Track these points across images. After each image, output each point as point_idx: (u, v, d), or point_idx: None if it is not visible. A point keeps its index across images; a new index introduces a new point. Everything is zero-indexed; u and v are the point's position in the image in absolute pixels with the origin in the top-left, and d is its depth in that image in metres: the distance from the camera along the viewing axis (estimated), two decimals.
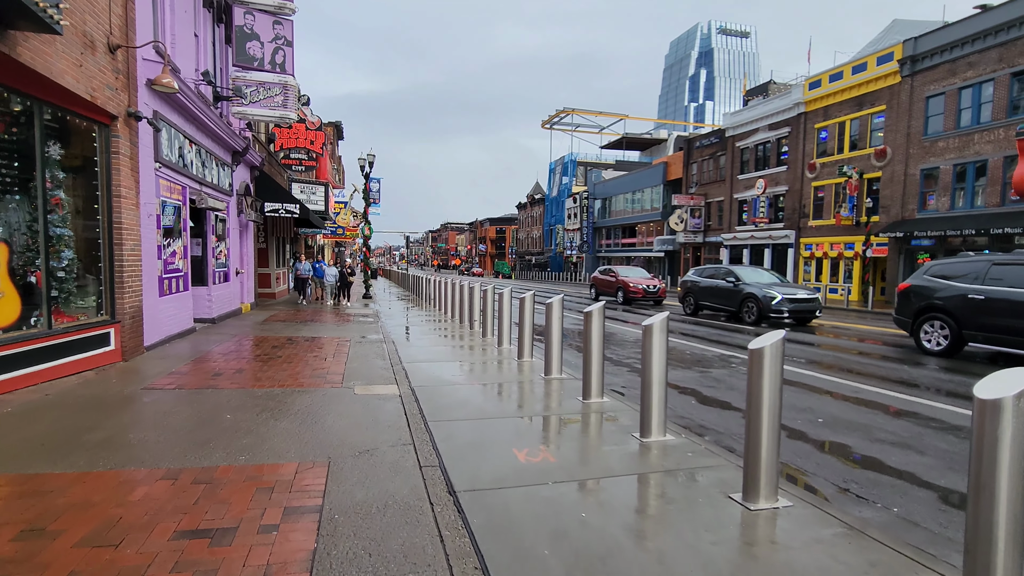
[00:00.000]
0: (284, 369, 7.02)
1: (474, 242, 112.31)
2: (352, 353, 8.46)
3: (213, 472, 3.54)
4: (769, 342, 3.27)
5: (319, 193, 23.37)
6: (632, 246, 53.42)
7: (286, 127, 17.13)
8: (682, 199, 42.17)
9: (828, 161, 31.37)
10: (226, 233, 12.38)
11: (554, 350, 6.92)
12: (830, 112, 31.37)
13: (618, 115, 72.33)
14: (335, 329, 11.44)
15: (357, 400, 5.55)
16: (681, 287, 16.70)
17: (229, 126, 11.92)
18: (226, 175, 12.21)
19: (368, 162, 21.14)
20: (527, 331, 8.04)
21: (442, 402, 5.55)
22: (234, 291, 13.00)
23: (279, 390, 5.89)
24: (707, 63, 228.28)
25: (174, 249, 9.02)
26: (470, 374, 7.10)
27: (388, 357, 8.21)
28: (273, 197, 15.47)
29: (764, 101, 36.83)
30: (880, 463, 4.27)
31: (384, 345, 9.38)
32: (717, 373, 7.85)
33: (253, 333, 10.38)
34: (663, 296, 20.31)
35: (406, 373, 7.01)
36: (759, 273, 14.68)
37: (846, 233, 30.17)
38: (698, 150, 43.18)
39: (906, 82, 27.15)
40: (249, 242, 14.76)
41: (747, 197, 37.40)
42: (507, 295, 9.28)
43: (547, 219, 74.55)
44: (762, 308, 13.22)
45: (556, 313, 6.91)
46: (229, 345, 8.86)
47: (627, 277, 20.77)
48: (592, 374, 5.75)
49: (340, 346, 9.10)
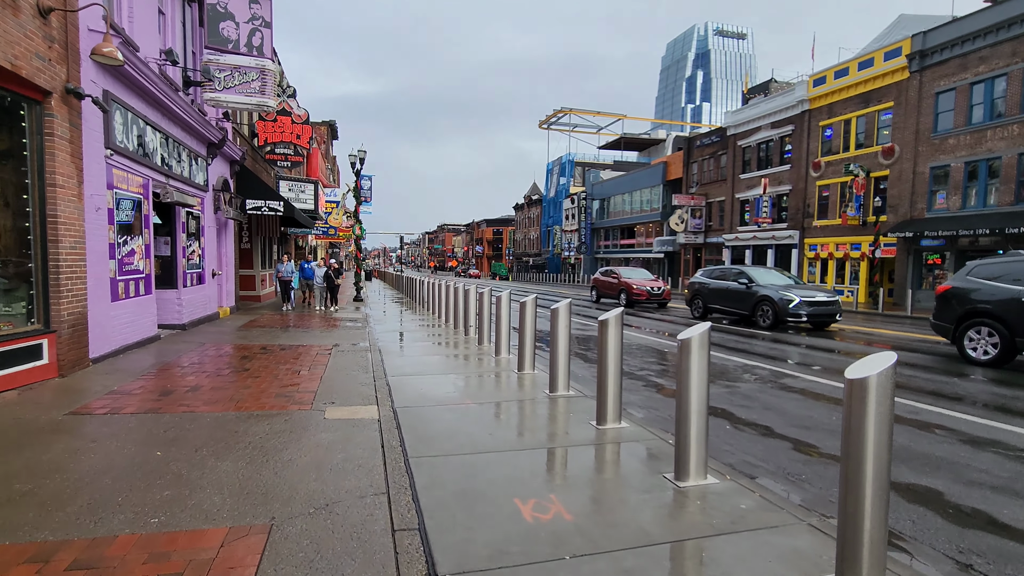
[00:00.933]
0: (248, 386, 6.05)
1: (471, 243, 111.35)
2: (332, 365, 7.50)
3: (105, 548, 2.57)
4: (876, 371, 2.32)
5: (308, 191, 22.39)
6: (631, 247, 52.58)
7: (270, 120, 16.17)
8: (683, 199, 41.34)
9: (833, 159, 30.57)
10: (200, 231, 11.40)
11: (560, 362, 5.98)
12: (835, 109, 30.58)
13: (616, 115, 71.53)
14: (318, 336, 10.47)
15: (326, 427, 4.60)
16: (688, 289, 15.78)
17: (203, 115, 10.95)
18: (200, 168, 11.23)
19: (359, 158, 20.19)
20: (528, 340, 7.09)
21: (429, 430, 4.59)
22: (210, 294, 12.01)
23: (234, 414, 4.93)
24: (704, 65, 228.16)
25: (132, 248, 8.04)
26: (464, 391, 6.15)
27: (372, 369, 7.25)
28: (256, 194, 14.49)
29: (767, 99, 36.05)
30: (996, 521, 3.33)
31: (369, 354, 8.42)
32: (746, 388, 6.92)
33: (225, 341, 9.40)
34: (668, 299, 19.39)
35: (390, 390, 6.06)
36: (772, 274, 13.78)
37: (852, 233, 29.36)
38: (699, 149, 42.36)
39: (915, 78, 26.36)
40: (229, 242, 13.77)
41: (749, 197, 36.58)
42: (505, 299, 8.34)
43: (544, 220, 73.69)
44: (778, 312, 12.30)
45: (563, 320, 5.97)
46: (192, 356, 7.88)
47: (630, 279, 19.84)
48: (609, 395, 4.82)
49: (319, 356, 8.13)
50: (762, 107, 35.79)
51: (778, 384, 7.07)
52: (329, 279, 15.28)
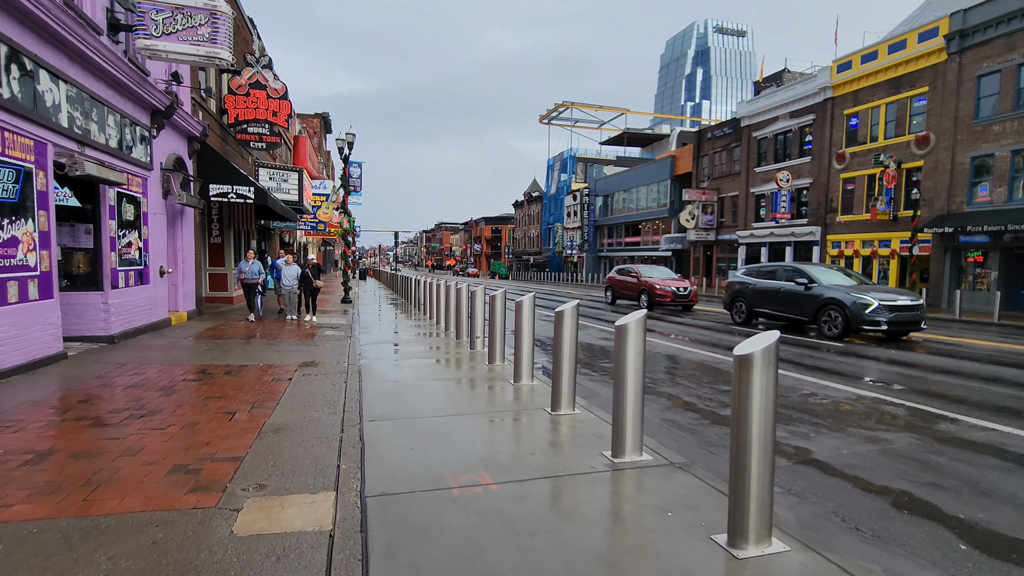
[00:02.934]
0: (138, 448, 3.87)
1: (469, 242, 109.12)
2: (287, 400, 5.31)
3: None
4: None
5: (292, 180, 20.18)
6: (636, 245, 50.48)
7: (241, 95, 13.92)
8: (693, 194, 39.25)
9: (859, 150, 28.50)
10: (142, 219, 9.20)
11: (629, 414, 3.82)
12: (862, 96, 28.49)
13: (619, 109, 69.43)
14: (285, 351, 8.28)
15: (222, 563, 2.42)
16: (727, 290, 13.63)
17: (143, 73, 8.75)
18: (139, 141, 9.03)
19: (347, 142, 17.98)
20: (566, 367, 4.91)
21: (424, 558, 2.43)
22: (156, 297, 9.80)
23: (66, 524, 2.74)
24: (704, 62, 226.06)
25: (14, 235, 5.84)
26: (480, 455, 3.97)
27: (343, 408, 5.07)
28: (222, 178, 12.28)
29: (784, 87, 33.94)
30: None
31: (345, 381, 6.24)
32: (902, 444, 4.68)
33: (156, 360, 7.20)
34: (695, 300, 17.23)
35: (363, 451, 3.89)
36: (833, 273, 11.63)
37: (881, 229, 27.29)
38: (709, 142, 40.27)
39: (953, 60, 24.27)
40: (186, 233, 11.55)
41: (765, 191, 34.49)
42: (528, 305, 6.16)
43: (545, 217, 71.56)
44: (851, 318, 10.14)
45: (634, 343, 3.81)
46: (90, 386, 5.68)
47: (651, 278, 17.67)
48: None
49: (274, 385, 5.95)
50: (780, 96, 33.70)
51: (944, 436, 4.88)
52: (306, 280, 12.04)
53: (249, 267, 11.97)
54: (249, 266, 11.98)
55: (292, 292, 12.31)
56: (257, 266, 12.04)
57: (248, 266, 11.98)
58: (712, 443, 4.62)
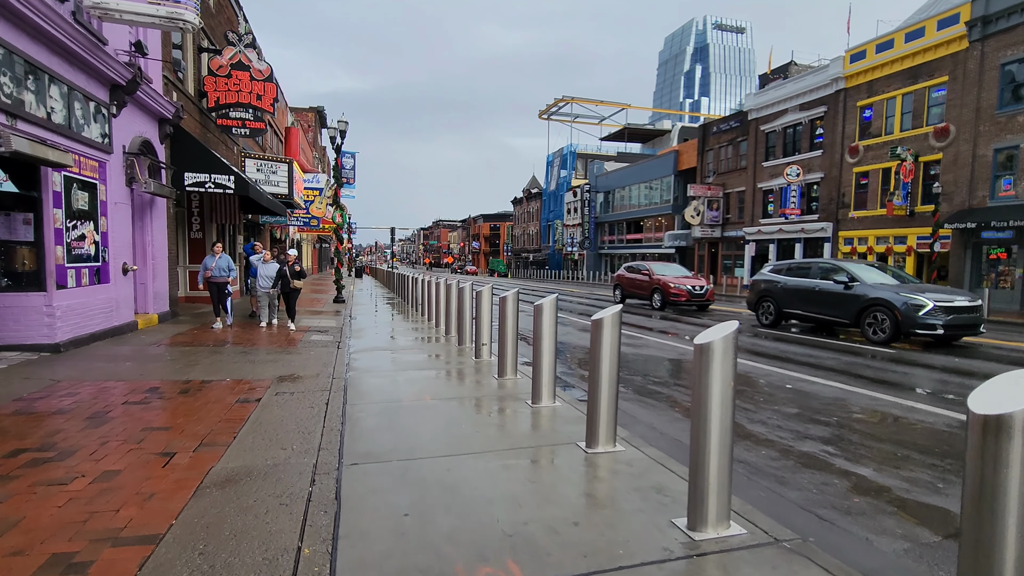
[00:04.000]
0: (18, 515, 2.74)
1: (467, 239, 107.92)
2: (247, 434, 4.18)
3: None
4: None
5: (281, 172, 18.98)
6: (638, 242, 49.41)
7: (222, 76, 12.74)
8: (698, 189, 38.18)
9: (873, 143, 27.44)
10: (99, 209, 8.04)
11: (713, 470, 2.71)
12: (876, 87, 27.41)
13: (620, 104, 68.31)
14: (261, 361, 7.15)
15: None
16: (751, 290, 12.52)
17: (98, 42, 7.59)
18: (96, 119, 7.87)
19: (339, 131, 16.83)
20: (604, 399, 3.80)
21: None
22: (117, 297, 8.64)
23: None
24: (703, 59, 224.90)
25: None
26: (499, 513, 2.85)
27: (318, 444, 3.94)
28: (199, 165, 11.12)
29: (794, 79, 32.84)
30: None
31: (327, 401, 5.11)
32: None
33: (100, 375, 6.05)
34: (712, 299, 16.12)
35: (338, 519, 2.77)
36: (872, 270, 10.52)
37: (896, 225, 26.25)
38: (715, 136, 39.18)
39: (975, 48, 23.20)
40: (156, 226, 10.38)
41: (774, 186, 33.43)
42: (548, 310, 5.03)
43: (544, 214, 70.45)
44: (901, 321, 9.04)
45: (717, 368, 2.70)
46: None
47: (664, 276, 16.54)
48: None
49: (236, 410, 4.81)
50: (789, 87, 32.61)
51: None
52: (283, 279, 10.22)
53: (216, 262, 10.02)
54: (216, 261, 10.03)
55: (267, 294, 10.44)
56: (226, 261, 10.13)
57: (215, 261, 10.04)
58: (812, 499, 3.49)
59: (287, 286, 10.36)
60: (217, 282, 10.10)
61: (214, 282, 10.10)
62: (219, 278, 10.08)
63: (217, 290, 10.12)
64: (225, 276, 10.16)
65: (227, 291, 10.20)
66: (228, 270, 10.17)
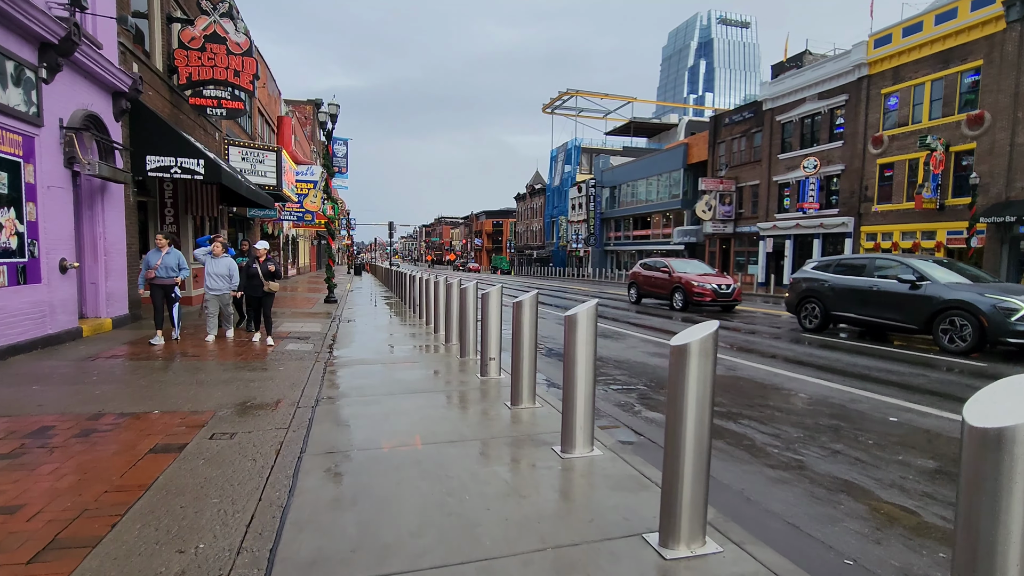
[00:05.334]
0: None
1: (470, 236, 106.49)
2: (131, 524, 2.77)
3: None
4: None
5: (269, 161, 17.57)
6: (645, 239, 47.95)
7: (194, 49, 11.30)
8: (710, 183, 36.68)
9: (899, 133, 25.92)
10: (25, 193, 6.64)
11: None
12: (903, 73, 25.87)
13: (625, 97, 66.72)
14: (213, 382, 5.74)
15: None
16: (791, 289, 11.05)
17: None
18: (18, 82, 6.46)
19: (330, 115, 15.39)
20: (688, 471, 2.38)
21: None
22: (53, 300, 7.24)
23: None
24: (707, 54, 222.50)
25: None
26: None
27: (239, 544, 2.53)
28: (166, 148, 9.70)
29: (812, 66, 31.28)
30: None
31: (279, 449, 3.71)
32: None
33: None
34: (739, 299, 14.66)
35: None
36: (941, 268, 9.03)
37: (924, 219, 24.75)
38: (727, 128, 37.67)
39: (1013, 29, 21.65)
40: (110, 216, 8.96)
41: (791, 179, 31.92)
42: (585, 324, 3.59)
43: (548, 210, 68.95)
44: (988, 327, 7.58)
45: None
46: None
47: (686, 273, 15.07)
48: None
49: (140, 471, 3.41)
50: (807, 75, 31.05)
51: None
52: (253, 281, 8.01)
53: (161, 259, 7.73)
54: (162, 257, 7.74)
55: (216, 297, 8.17)
56: (175, 258, 7.92)
57: (159, 258, 7.73)
58: None
59: (258, 289, 8.03)
60: (162, 284, 7.87)
61: (158, 284, 7.84)
62: (164, 279, 7.86)
63: (162, 294, 7.88)
64: (171, 276, 7.93)
65: (174, 295, 8.05)
66: (177, 269, 7.96)
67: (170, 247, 7.96)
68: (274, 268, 8.05)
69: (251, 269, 8.04)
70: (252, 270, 8.04)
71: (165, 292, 7.91)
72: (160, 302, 7.87)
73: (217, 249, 8.12)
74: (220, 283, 8.13)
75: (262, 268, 8.05)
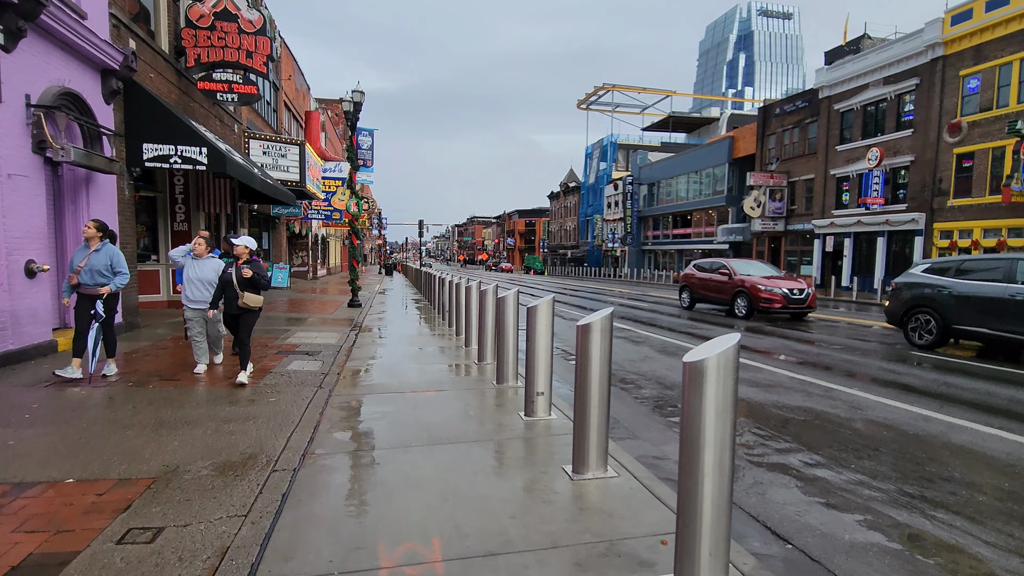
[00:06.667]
0: None
1: (502, 236, 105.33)
2: None
3: None
4: None
5: (292, 156, 16.52)
6: (686, 237, 45.66)
7: (203, 28, 10.22)
8: (759, 178, 34.32)
9: (981, 118, 23.26)
10: None
11: None
12: (986, 52, 23.20)
13: (664, 91, 64.24)
14: (173, 424, 4.44)
15: None
16: (893, 297, 9.11)
17: None
18: None
19: (354, 102, 14.20)
20: None
21: None
22: (14, 310, 6.08)
23: None
24: (747, 47, 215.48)
25: None
26: None
27: None
28: (164, 136, 8.57)
29: (876, 48, 28.67)
30: None
31: (217, 566, 2.29)
32: None
33: None
34: (813, 306, 12.74)
35: None
36: None
37: (1012, 214, 22.08)
38: (778, 118, 35.20)
39: None
40: (96, 212, 7.82)
41: (850, 172, 29.39)
42: (723, 375, 2.06)
43: (583, 209, 67.08)
44: None
45: None
46: None
47: (750, 276, 13.23)
48: None
49: None
50: (871, 59, 28.46)
51: None
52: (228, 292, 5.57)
53: (88, 258, 5.41)
54: (88, 256, 5.42)
55: (199, 313, 5.94)
56: (106, 257, 5.48)
57: (84, 257, 5.40)
58: None
59: (233, 305, 5.57)
60: (87, 293, 5.46)
61: (83, 293, 5.47)
62: (88, 286, 5.44)
63: (83, 307, 5.48)
64: (98, 284, 5.46)
65: (95, 311, 5.46)
66: (106, 273, 5.49)
67: (104, 242, 5.53)
68: (251, 274, 5.48)
69: (225, 275, 5.62)
70: (226, 276, 5.60)
71: (86, 305, 5.49)
72: (86, 322, 5.46)
73: (200, 248, 5.96)
74: (206, 293, 5.93)
75: (236, 274, 5.54)
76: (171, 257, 6.25)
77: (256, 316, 5.79)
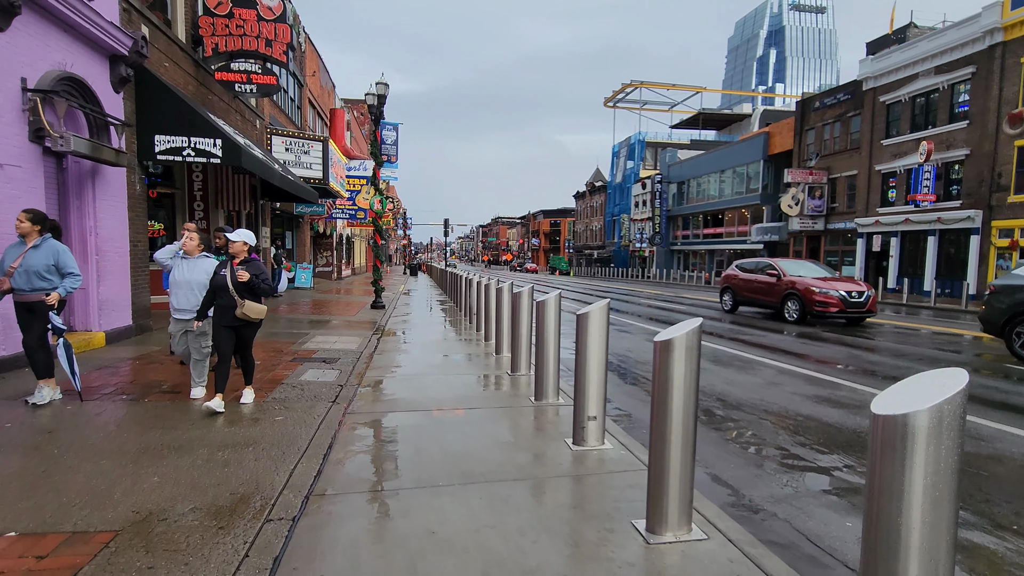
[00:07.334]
0: None
1: (526, 236, 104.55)
2: None
3: None
4: None
5: (315, 152, 16.04)
6: (718, 237, 44.21)
7: (221, 16, 9.72)
8: (798, 175, 32.80)
9: None
10: None
11: None
12: None
13: (694, 87, 62.59)
14: (157, 453, 3.80)
15: None
16: (990, 302, 7.97)
17: None
18: None
19: (377, 95, 13.61)
20: None
21: None
22: (4, 313, 5.59)
23: None
24: (778, 42, 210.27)
25: None
26: None
27: None
28: (177, 127, 8.07)
29: (927, 36, 27.01)
30: None
31: None
32: None
33: None
34: (874, 310, 11.62)
35: None
36: None
37: None
38: (817, 112, 33.63)
39: None
40: (104, 207, 7.32)
41: (897, 168, 27.77)
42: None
43: (609, 208, 65.86)
44: None
45: None
46: None
47: (801, 277, 12.17)
48: None
49: None
50: (920, 47, 26.83)
51: None
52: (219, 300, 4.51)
53: (23, 259, 4.34)
54: (24, 254, 4.36)
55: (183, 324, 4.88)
56: (48, 255, 4.41)
57: (19, 256, 4.35)
58: None
59: (230, 316, 4.51)
60: (24, 301, 4.41)
61: (20, 301, 4.42)
62: (24, 292, 4.37)
63: (24, 318, 4.47)
64: (38, 288, 4.38)
65: (52, 323, 4.50)
66: (48, 275, 4.40)
67: (45, 236, 4.44)
68: (248, 277, 4.42)
69: (218, 277, 4.52)
70: (219, 279, 4.50)
71: (27, 315, 4.43)
72: (35, 335, 4.45)
73: (191, 244, 4.90)
74: (191, 299, 4.83)
75: (231, 276, 4.46)
76: (157, 259, 5.26)
77: (257, 329, 4.77)
